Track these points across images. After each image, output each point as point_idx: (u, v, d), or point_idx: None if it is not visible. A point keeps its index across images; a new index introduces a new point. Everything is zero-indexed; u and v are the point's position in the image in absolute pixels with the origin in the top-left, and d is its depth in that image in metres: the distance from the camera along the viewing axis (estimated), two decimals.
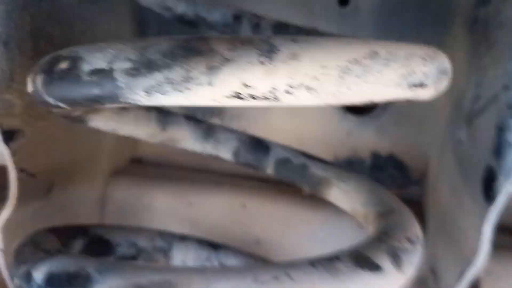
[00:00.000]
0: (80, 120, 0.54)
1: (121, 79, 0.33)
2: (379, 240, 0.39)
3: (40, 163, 0.60)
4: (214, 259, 0.66)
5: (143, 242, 0.64)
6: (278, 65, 0.31)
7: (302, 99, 0.32)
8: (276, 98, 0.32)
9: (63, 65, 0.36)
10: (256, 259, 0.65)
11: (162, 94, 0.33)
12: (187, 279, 0.35)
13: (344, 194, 0.54)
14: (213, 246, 0.65)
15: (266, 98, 0.32)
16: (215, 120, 0.84)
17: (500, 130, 0.44)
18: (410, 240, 0.40)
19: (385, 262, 0.37)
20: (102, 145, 0.76)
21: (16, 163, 0.55)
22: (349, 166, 0.81)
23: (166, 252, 0.66)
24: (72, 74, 0.35)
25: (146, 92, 0.33)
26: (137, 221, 0.78)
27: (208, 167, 0.85)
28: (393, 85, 0.34)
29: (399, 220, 0.44)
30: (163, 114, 0.59)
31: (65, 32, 0.61)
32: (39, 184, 0.61)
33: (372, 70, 0.32)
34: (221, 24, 0.58)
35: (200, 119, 0.62)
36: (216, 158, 0.75)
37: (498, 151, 0.44)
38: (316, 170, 0.59)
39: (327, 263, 0.36)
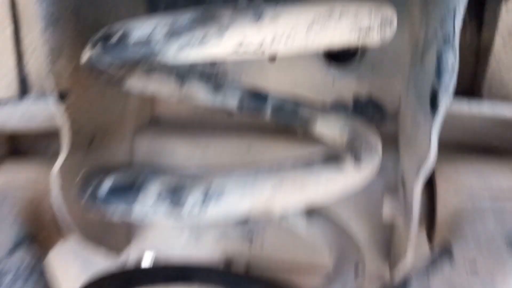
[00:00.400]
0: (118, 82, 0.69)
1: (160, 41, 0.47)
2: (346, 148, 0.55)
3: (82, 121, 0.74)
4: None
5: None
6: (265, 25, 0.45)
7: (282, 47, 0.47)
8: (264, 47, 0.47)
9: (117, 35, 0.51)
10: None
11: (188, 50, 0.47)
12: (204, 178, 0.51)
13: (326, 128, 0.70)
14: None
15: (259, 47, 0.47)
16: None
17: (439, 57, 0.58)
18: (368, 148, 0.55)
19: (347, 159, 0.52)
20: (128, 106, 0.90)
21: (67, 117, 0.69)
22: (335, 109, 0.95)
23: None
24: (124, 40, 0.50)
25: (178, 48, 0.47)
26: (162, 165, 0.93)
27: (214, 122, 0.99)
28: (347, 32, 0.48)
29: (364, 137, 0.59)
30: (180, 75, 0.74)
31: (95, 13, 0.75)
32: (81, 139, 0.76)
33: (330, 23, 0.47)
34: None
35: (209, 75, 0.77)
36: (223, 111, 0.89)
37: (438, 73, 0.58)
38: (304, 112, 0.74)
39: (303, 164, 0.51)
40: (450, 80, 0.56)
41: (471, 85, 0.79)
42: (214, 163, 0.93)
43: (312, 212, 0.77)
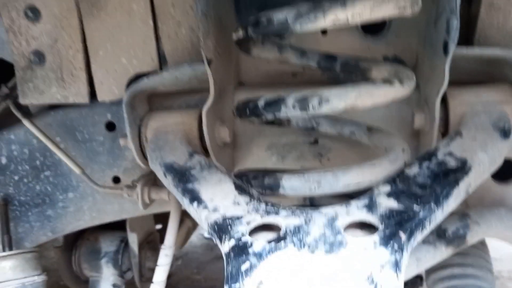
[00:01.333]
0: (248, 50, 1.10)
1: (291, 20, 0.89)
2: (393, 73, 0.96)
3: (218, 78, 1.14)
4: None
5: None
6: (348, 7, 0.87)
7: (357, 21, 0.89)
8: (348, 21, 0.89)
9: (263, 20, 0.92)
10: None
11: (306, 24, 0.89)
12: (320, 91, 0.92)
13: (379, 73, 1.11)
14: None
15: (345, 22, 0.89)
16: None
17: (447, 21, 0.99)
18: (407, 76, 0.97)
19: (395, 82, 0.93)
20: (232, 73, 1.30)
21: (212, 75, 1.10)
22: None
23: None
24: (270, 24, 0.91)
25: (300, 24, 0.89)
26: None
27: (282, 82, 1.39)
28: (393, 10, 0.89)
29: (403, 68, 1.01)
30: (279, 46, 1.16)
31: (219, 11, 1.15)
32: (218, 87, 1.15)
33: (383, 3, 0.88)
34: None
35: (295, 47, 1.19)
36: (305, 68, 1.29)
37: (448, 31, 0.99)
38: (363, 64, 1.14)
39: (371, 81, 0.92)
40: (455, 35, 0.97)
41: (466, 39, 1.21)
42: None
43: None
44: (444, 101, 1.11)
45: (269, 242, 0.74)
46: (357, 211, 0.80)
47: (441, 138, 1.13)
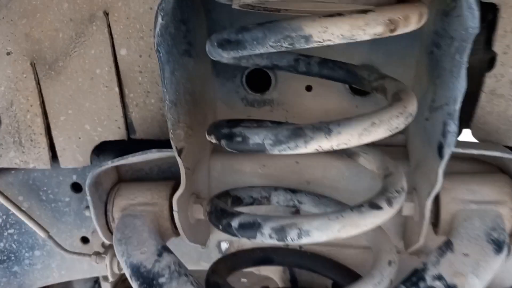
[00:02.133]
0: None
1: (268, 147, 0.79)
2: (381, 193, 0.87)
3: (191, 161, 1.04)
4: (294, 199, 1.14)
5: (255, 194, 1.12)
6: (332, 138, 0.78)
7: (343, 147, 0.84)
8: (333, 148, 0.84)
9: (238, 139, 0.81)
10: (316, 195, 1.13)
11: (285, 152, 0.79)
12: (301, 220, 0.82)
13: (367, 162, 1.01)
14: (293, 191, 1.14)
15: (329, 149, 0.79)
16: (267, 107, 1.26)
17: (444, 124, 0.88)
18: (397, 191, 0.87)
19: (384, 205, 0.84)
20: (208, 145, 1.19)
21: (184, 165, 0.99)
22: None
23: (267, 198, 1.14)
24: (244, 143, 0.80)
25: (279, 151, 0.79)
26: (232, 180, 1.23)
27: None
28: (383, 134, 0.82)
29: (393, 180, 0.91)
30: None
31: (193, 87, 1.03)
32: (189, 174, 1.05)
33: (372, 131, 0.79)
34: (287, 66, 1.02)
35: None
36: None
37: (443, 134, 0.88)
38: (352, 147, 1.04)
39: (357, 208, 0.83)
40: (452, 139, 0.87)
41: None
42: (270, 175, 1.23)
43: None
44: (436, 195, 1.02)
45: None
46: None
47: (433, 229, 1.06)
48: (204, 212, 1.12)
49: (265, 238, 0.84)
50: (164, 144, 1.03)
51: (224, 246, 1.30)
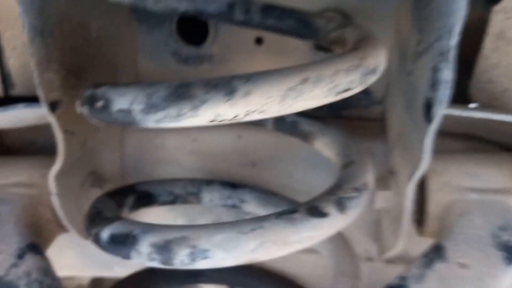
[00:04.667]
0: None
1: (138, 116, 0.49)
2: (330, 193, 0.57)
3: (74, 127, 0.73)
4: (234, 197, 0.84)
5: (178, 189, 0.82)
6: (237, 102, 0.46)
7: (257, 117, 0.48)
8: (238, 118, 0.47)
9: (99, 103, 0.52)
10: (263, 192, 0.84)
11: (164, 124, 0.48)
12: (196, 234, 0.52)
13: (324, 146, 0.72)
14: (233, 186, 0.84)
15: (232, 119, 0.48)
16: (206, 66, 0.96)
17: (435, 70, 0.59)
18: (356, 190, 0.57)
19: (331, 210, 0.54)
20: None
21: (60, 126, 0.69)
22: None
23: (197, 195, 0.84)
24: (106, 110, 0.51)
25: (155, 122, 0.48)
26: (152, 159, 0.93)
27: None
28: (322, 97, 0.49)
29: (353, 172, 0.61)
30: None
31: (83, 17, 0.72)
32: (75, 143, 0.75)
33: (303, 92, 0.48)
34: (217, 13, 0.71)
35: None
36: None
37: (433, 86, 0.60)
38: (304, 126, 0.76)
39: (287, 215, 0.53)
40: (445, 93, 0.58)
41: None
42: (203, 152, 0.93)
43: None
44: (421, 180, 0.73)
45: None
46: None
47: (417, 227, 0.77)
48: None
49: (143, 259, 0.53)
50: None
51: None
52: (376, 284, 0.90)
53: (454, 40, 0.56)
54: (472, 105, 0.79)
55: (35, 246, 0.71)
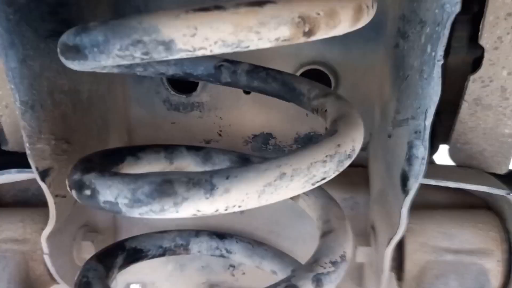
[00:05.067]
0: None
1: (123, 208, 0.51)
2: (308, 269, 0.60)
3: (66, 190, 0.76)
4: (222, 247, 0.88)
5: (167, 243, 0.85)
6: (217, 198, 0.48)
7: (236, 211, 0.50)
8: (218, 212, 0.50)
9: (87, 192, 0.54)
10: (250, 243, 0.87)
11: (148, 216, 0.51)
12: None
13: (307, 207, 0.74)
14: (220, 236, 0.87)
15: (213, 213, 0.50)
16: (196, 112, 0.99)
17: (410, 146, 0.62)
18: (334, 264, 0.60)
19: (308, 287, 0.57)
20: None
21: (52, 192, 0.71)
22: (309, 139, 0.99)
23: (185, 247, 0.87)
24: (93, 199, 0.53)
25: (139, 214, 0.51)
26: None
27: None
28: (299, 189, 0.52)
29: (332, 243, 0.63)
30: (169, 151, 0.77)
31: (74, 83, 0.75)
32: (69, 200, 0.77)
33: (281, 186, 0.50)
34: (205, 76, 0.74)
35: (198, 146, 0.80)
36: None
37: (408, 160, 0.62)
38: None
39: None
40: (420, 169, 0.60)
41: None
42: None
43: None
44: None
45: None
46: None
47: (397, 281, 0.79)
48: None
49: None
50: None
51: None
52: None
53: (428, 120, 0.58)
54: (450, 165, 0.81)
55: None
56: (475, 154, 0.78)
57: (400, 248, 0.76)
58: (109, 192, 0.51)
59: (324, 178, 0.54)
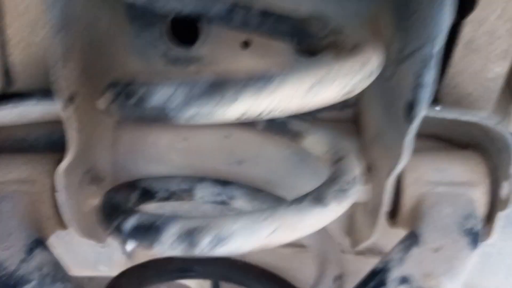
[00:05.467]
0: None
1: (175, 109, 0.55)
2: (328, 185, 0.65)
3: (86, 122, 0.78)
4: (224, 194, 0.91)
5: (173, 186, 0.87)
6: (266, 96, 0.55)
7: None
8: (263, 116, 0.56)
9: (136, 96, 0.57)
10: (250, 189, 0.91)
11: (197, 118, 0.56)
12: (217, 223, 0.59)
13: (314, 143, 0.79)
14: (223, 183, 0.90)
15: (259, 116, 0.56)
16: (193, 68, 1.01)
17: (417, 76, 0.67)
18: (349, 183, 0.66)
19: (331, 200, 0.63)
20: None
21: (75, 120, 0.72)
22: None
23: (190, 192, 0.90)
24: (142, 103, 0.57)
25: (188, 117, 0.55)
26: (144, 157, 0.97)
27: None
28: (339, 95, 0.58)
29: (344, 167, 0.69)
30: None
31: (91, 18, 0.76)
32: (83, 136, 0.78)
33: (326, 83, 0.56)
34: (217, 16, 0.77)
35: None
36: None
37: (415, 89, 0.67)
38: (293, 126, 0.82)
39: (295, 203, 0.61)
40: (427, 95, 0.66)
41: None
42: (193, 151, 0.99)
43: None
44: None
45: None
46: None
47: (389, 220, 0.86)
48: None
49: (166, 248, 0.60)
50: None
51: (131, 245, 1.03)
52: (349, 274, 0.98)
53: (437, 46, 0.63)
54: (437, 107, 0.88)
55: (42, 242, 0.75)
56: (463, 97, 0.85)
57: (396, 187, 0.82)
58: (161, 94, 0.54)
59: (356, 86, 0.61)
